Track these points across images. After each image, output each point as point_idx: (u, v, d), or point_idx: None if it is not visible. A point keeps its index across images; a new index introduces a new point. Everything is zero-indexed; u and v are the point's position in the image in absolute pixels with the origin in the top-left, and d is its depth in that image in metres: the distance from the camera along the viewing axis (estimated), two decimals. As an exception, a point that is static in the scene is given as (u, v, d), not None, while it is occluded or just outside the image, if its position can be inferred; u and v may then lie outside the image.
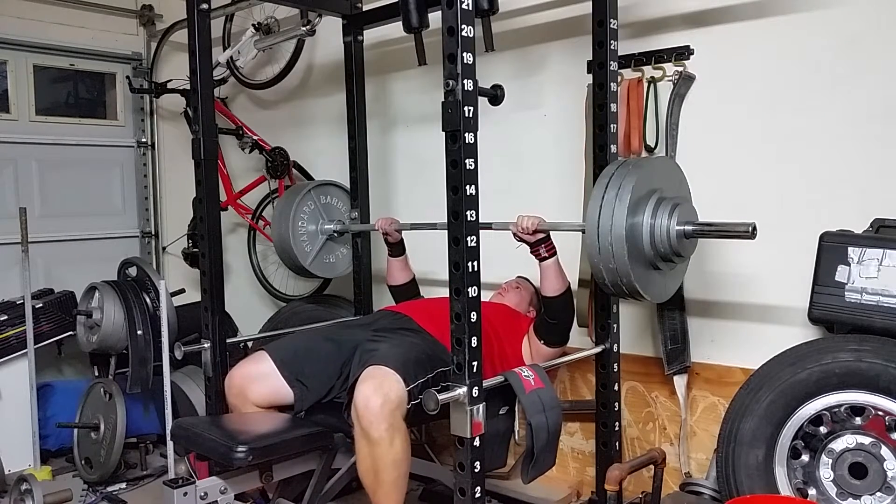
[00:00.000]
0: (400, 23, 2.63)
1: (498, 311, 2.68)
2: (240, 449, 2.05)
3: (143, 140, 4.44)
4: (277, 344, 2.61)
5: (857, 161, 2.26)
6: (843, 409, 2.08)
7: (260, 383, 2.43)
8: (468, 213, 1.89)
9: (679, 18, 2.58)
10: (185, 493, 2.14)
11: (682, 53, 2.55)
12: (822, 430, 2.12)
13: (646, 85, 2.61)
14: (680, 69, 2.56)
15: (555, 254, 2.39)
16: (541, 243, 2.37)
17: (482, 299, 1.99)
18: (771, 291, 2.45)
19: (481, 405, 1.93)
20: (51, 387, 3.59)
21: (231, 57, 3.81)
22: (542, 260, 2.38)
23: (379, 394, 2.13)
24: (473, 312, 1.91)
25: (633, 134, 2.61)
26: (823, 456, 2.12)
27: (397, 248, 2.95)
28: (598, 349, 2.47)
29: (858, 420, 2.08)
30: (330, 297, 3.65)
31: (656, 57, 2.60)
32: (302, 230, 3.14)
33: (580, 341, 2.83)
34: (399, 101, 3.43)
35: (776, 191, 2.41)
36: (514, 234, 2.39)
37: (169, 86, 3.95)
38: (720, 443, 2.24)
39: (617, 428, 2.50)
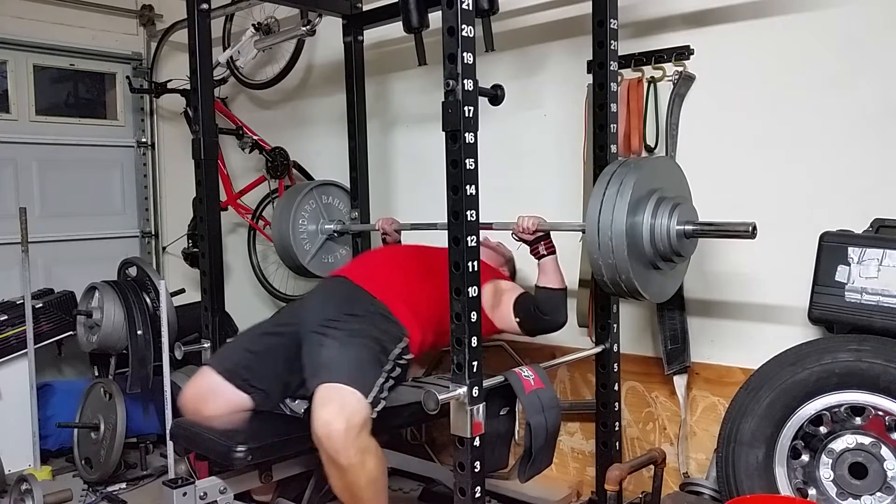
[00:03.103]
0: (400, 23, 2.63)
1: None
2: (239, 449, 2.05)
3: (143, 140, 4.44)
4: (219, 353, 2.49)
5: (857, 161, 2.26)
6: (843, 409, 2.08)
7: (212, 401, 2.29)
8: (468, 213, 1.89)
9: (679, 18, 2.58)
10: (185, 493, 2.13)
11: (682, 53, 2.55)
12: (822, 430, 2.12)
13: (646, 85, 2.61)
14: (680, 69, 2.56)
15: (554, 252, 2.38)
16: (540, 241, 2.37)
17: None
18: (771, 291, 2.45)
19: (481, 405, 1.93)
20: (51, 387, 3.59)
21: (231, 57, 3.81)
22: (540, 258, 2.39)
23: (340, 418, 2.00)
24: (473, 312, 1.91)
25: (633, 134, 2.61)
26: (823, 456, 2.12)
27: None
28: (598, 349, 2.47)
29: (858, 420, 2.08)
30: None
31: (656, 57, 2.60)
32: (302, 230, 3.13)
33: (580, 341, 2.83)
34: (399, 101, 3.43)
35: (776, 191, 2.41)
36: (514, 234, 2.40)
37: (169, 86, 3.95)
38: (720, 443, 2.24)
39: (617, 428, 2.50)
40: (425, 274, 2.44)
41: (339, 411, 2.01)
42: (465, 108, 1.86)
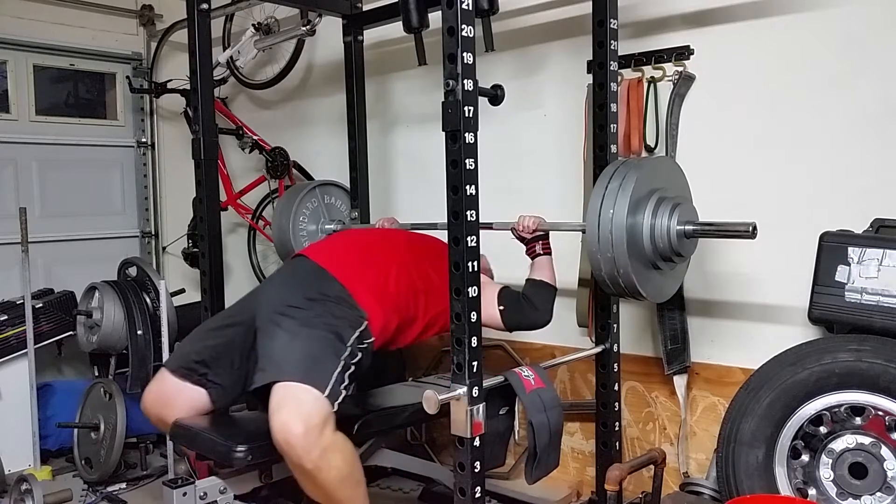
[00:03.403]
0: (400, 23, 2.64)
1: (440, 245, 2.48)
2: (239, 449, 2.05)
3: (143, 140, 4.44)
4: (175, 352, 2.40)
5: (857, 161, 2.26)
6: (843, 409, 2.08)
7: (173, 404, 2.23)
8: (468, 213, 1.89)
9: (679, 18, 2.58)
10: (185, 493, 2.13)
11: (682, 53, 2.55)
12: (822, 430, 2.12)
13: (646, 85, 2.61)
14: (680, 69, 2.56)
15: (550, 253, 2.38)
16: (538, 240, 2.37)
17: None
18: (771, 291, 2.45)
19: (481, 405, 1.93)
20: (51, 387, 3.59)
21: (231, 57, 3.82)
22: (535, 257, 2.38)
23: (297, 421, 1.92)
24: (473, 313, 1.91)
25: (633, 134, 2.61)
26: (823, 456, 2.12)
27: None
28: (598, 349, 2.47)
29: (858, 420, 2.08)
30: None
31: (656, 57, 2.60)
32: (303, 230, 3.13)
33: (580, 341, 2.83)
34: (399, 101, 3.43)
35: (776, 190, 2.41)
36: (513, 230, 2.40)
37: (169, 86, 3.95)
38: (720, 443, 2.24)
39: (617, 428, 2.50)
40: (397, 256, 2.38)
41: (295, 413, 1.94)
42: (465, 108, 1.86)
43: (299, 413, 1.94)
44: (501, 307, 2.31)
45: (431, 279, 2.35)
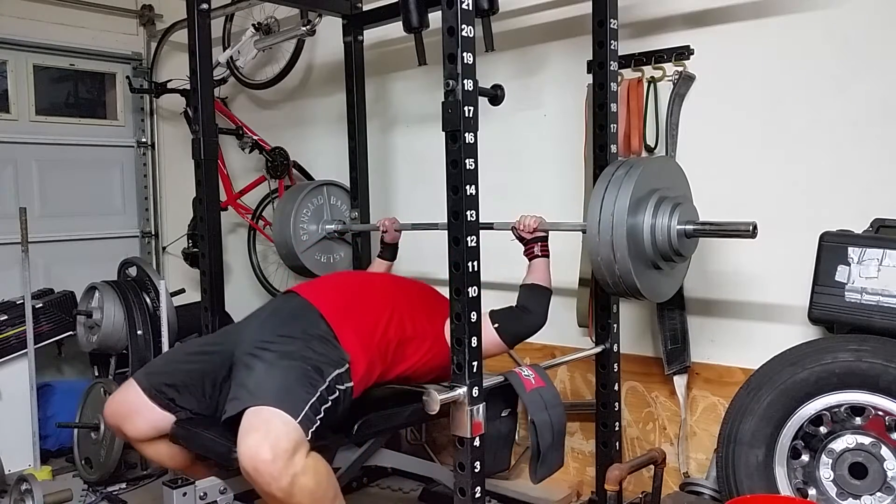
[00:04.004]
0: (400, 23, 2.64)
1: (424, 288, 2.51)
2: (240, 449, 2.04)
3: (143, 140, 4.43)
4: (147, 368, 2.33)
5: (857, 161, 2.26)
6: (843, 409, 2.08)
7: (134, 420, 2.19)
8: (468, 213, 1.89)
9: (679, 18, 2.58)
10: (185, 494, 2.13)
11: (682, 53, 2.55)
12: (823, 430, 2.12)
13: (646, 85, 2.61)
14: (680, 69, 2.56)
15: (548, 256, 2.38)
16: (537, 241, 2.37)
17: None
18: (771, 291, 2.45)
19: (481, 405, 1.93)
20: (51, 387, 3.59)
21: (231, 57, 3.82)
22: (533, 258, 2.38)
23: (265, 447, 1.84)
24: (473, 313, 1.91)
25: (633, 134, 2.61)
26: (823, 456, 2.12)
27: (390, 251, 2.91)
28: (598, 349, 2.47)
29: (858, 420, 2.08)
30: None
31: (656, 57, 2.60)
32: (303, 229, 3.14)
33: (580, 341, 2.83)
34: (399, 101, 3.43)
35: (776, 190, 2.41)
36: (513, 230, 2.40)
37: (169, 86, 3.95)
38: (720, 443, 2.24)
39: (617, 428, 2.50)
40: (393, 303, 2.33)
41: (263, 439, 1.86)
42: (465, 108, 1.86)
43: (267, 438, 1.86)
44: (496, 325, 2.27)
45: (423, 325, 2.31)
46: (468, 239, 1.90)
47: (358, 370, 2.14)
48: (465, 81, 1.86)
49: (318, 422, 1.98)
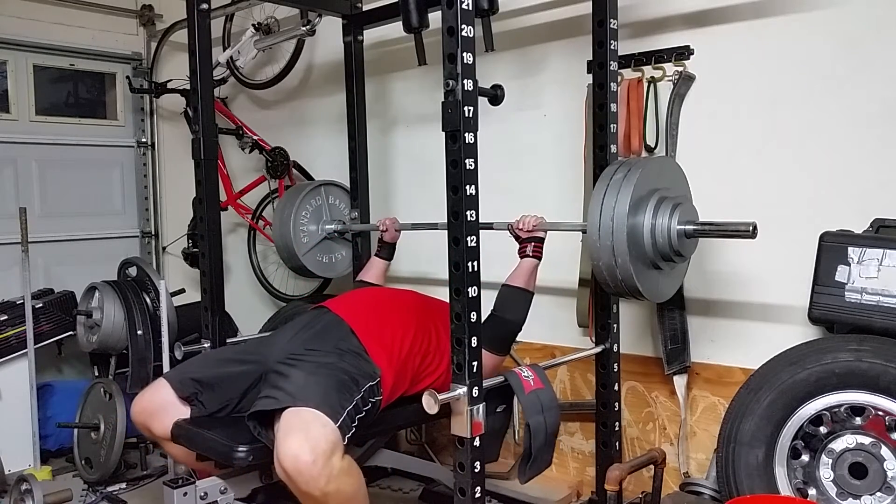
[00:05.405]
0: (400, 23, 2.63)
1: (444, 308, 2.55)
2: (240, 449, 2.04)
3: (143, 140, 4.43)
4: (181, 368, 2.36)
5: (857, 161, 2.26)
6: (843, 409, 2.08)
7: (161, 418, 2.22)
8: (468, 213, 1.89)
9: (679, 18, 2.58)
10: (185, 494, 2.13)
11: (682, 53, 2.55)
12: (823, 430, 2.12)
13: (646, 85, 2.61)
14: (680, 69, 2.56)
15: (539, 258, 2.38)
16: (531, 241, 2.37)
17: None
18: (771, 291, 2.45)
19: (481, 405, 1.93)
20: (51, 387, 3.59)
21: (231, 57, 3.82)
22: (524, 257, 2.38)
23: (306, 448, 1.86)
24: (473, 313, 1.91)
25: (633, 134, 2.61)
26: (823, 456, 2.12)
27: (388, 250, 2.92)
28: (598, 349, 2.47)
29: (858, 420, 2.08)
30: (330, 297, 3.65)
31: (656, 57, 2.60)
32: (303, 229, 3.14)
33: (580, 341, 2.83)
34: (399, 101, 3.43)
35: (776, 190, 2.41)
36: (510, 227, 2.41)
37: (169, 86, 3.95)
38: (720, 443, 2.24)
39: (617, 428, 2.50)
40: (415, 318, 2.36)
41: (304, 441, 1.88)
42: (465, 108, 1.86)
43: (308, 440, 1.88)
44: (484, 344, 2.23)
45: (446, 344, 2.29)
46: (468, 239, 1.90)
47: (387, 384, 2.18)
48: (465, 81, 1.86)
49: (354, 429, 2.02)
